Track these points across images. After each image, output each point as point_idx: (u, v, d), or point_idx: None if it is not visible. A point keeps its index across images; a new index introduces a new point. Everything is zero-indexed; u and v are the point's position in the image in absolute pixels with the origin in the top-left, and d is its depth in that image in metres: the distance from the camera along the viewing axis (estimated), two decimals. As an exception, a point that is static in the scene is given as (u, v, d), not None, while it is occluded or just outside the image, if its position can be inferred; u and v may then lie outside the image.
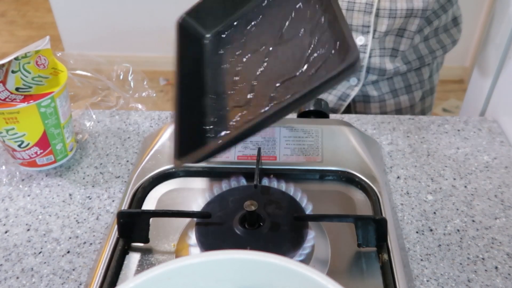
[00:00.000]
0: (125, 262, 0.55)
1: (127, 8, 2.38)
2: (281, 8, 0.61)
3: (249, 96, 0.54)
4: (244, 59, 0.59)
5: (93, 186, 0.67)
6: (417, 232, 0.60)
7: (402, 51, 0.83)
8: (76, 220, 0.62)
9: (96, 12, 2.41)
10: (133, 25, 2.44)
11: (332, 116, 0.78)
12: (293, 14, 0.59)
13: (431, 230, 0.60)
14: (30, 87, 0.64)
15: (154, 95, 0.82)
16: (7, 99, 0.62)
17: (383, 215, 0.58)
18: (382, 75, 0.85)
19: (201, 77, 0.60)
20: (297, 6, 0.59)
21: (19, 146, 0.65)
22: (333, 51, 0.50)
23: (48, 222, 0.62)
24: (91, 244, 0.59)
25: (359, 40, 0.81)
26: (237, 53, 0.60)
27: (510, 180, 0.67)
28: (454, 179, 0.67)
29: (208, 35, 0.64)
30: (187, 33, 0.62)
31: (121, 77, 0.80)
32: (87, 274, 0.55)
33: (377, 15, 0.78)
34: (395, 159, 0.71)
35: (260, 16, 0.62)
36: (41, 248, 0.59)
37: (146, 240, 0.56)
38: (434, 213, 0.62)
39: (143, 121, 0.79)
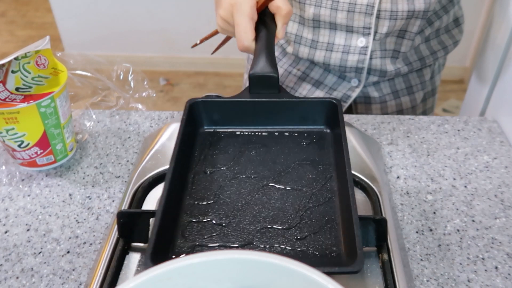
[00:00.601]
0: (125, 262, 0.55)
1: (127, 8, 2.38)
2: (289, 149, 0.61)
3: (226, 219, 0.53)
4: (234, 178, 0.58)
5: (93, 186, 0.67)
6: (417, 232, 0.60)
7: (403, 52, 0.83)
8: (76, 220, 0.62)
9: (96, 12, 2.41)
10: (133, 25, 2.44)
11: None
12: (301, 161, 0.59)
13: (431, 230, 0.60)
14: (30, 87, 0.64)
15: (154, 95, 0.82)
16: (7, 99, 0.62)
17: (383, 215, 0.58)
18: (383, 76, 0.85)
19: (189, 168, 0.59)
20: (308, 157, 0.59)
21: (19, 146, 0.65)
22: (334, 244, 0.50)
23: (48, 222, 0.62)
24: (91, 244, 0.59)
25: (360, 42, 0.81)
26: (229, 164, 0.59)
27: (510, 180, 0.67)
28: (454, 179, 0.67)
29: (207, 128, 0.64)
30: (192, 117, 0.62)
31: (121, 77, 0.80)
32: (87, 274, 0.55)
33: (378, 17, 0.78)
34: (395, 159, 0.71)
35: (266, 144, 0.62)
36: (41, 248, 0.59)
37: (146, 240, 0.56)
38: (434, 213, 0.62)
39: (143, 121, 0.79)
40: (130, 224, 0.55)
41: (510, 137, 0.75)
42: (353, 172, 0.64)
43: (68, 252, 0.58)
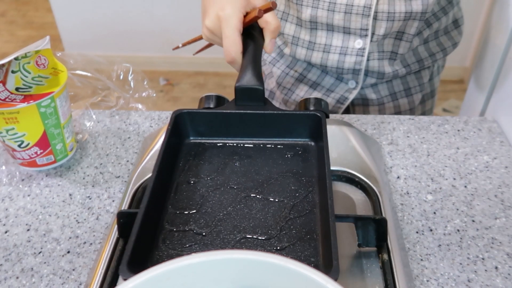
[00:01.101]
0: (125, 262, 0.55)
1: (127, 8, 2.38)
2: (273, 161, 0.61)
3: (206, 229, 0.53)
4: (217, 189, 0.58)
5: (93, 186, 0.67)
6: (417, 232, 0.60)
7: (401, 54, 0.83)
8: (76, 220, 0.62)
9: (96, 12, 2.41)
10: (133, 25, 2.44)
11: (332, 116, 0.78)
12: (284, 173, 0.60)
13: (431, 230, 0.60)
14: (30, 87, 0.64)
15: (154, 95, 0.82)
16: (7, 99, 0.62)
17: (383, 215, 0.58)
18: (381, 78, 0.85)
19: (173, 178, 0.59)
20: (291, 169, 0.60)
21: (19, 146, 0.65)
22: (313, 255, 0.50)
23: (48, 222, 0.62)
24: (91, 244, 0.59)
25: (357, 43, 0.81)
26: (212, 175, 0.60)
27: (510, 180, 0.67)
28: (454, 179, 0.67)
29: (192, 139, 0.65)
30: (178, 128, 0.63)
31: (121, 77, 0.80)
32: (87, 274, 0.55)
33: (375, 18, 0.78)
34: (395, 159, 0.71)
35: (250, 155, 0.62)
36: (41, 248, 0.59)
37: (146, 240, 0.56)
38: (434, 213, 0.62)
39: (143, 121, 0.79)
40: (130, 224, 0.55)
41: (510, 137, 0.75)
42: (353, 172, 0.64)
43: (68, 252, 0.58)
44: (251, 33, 0.66)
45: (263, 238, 0.52)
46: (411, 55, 0.86)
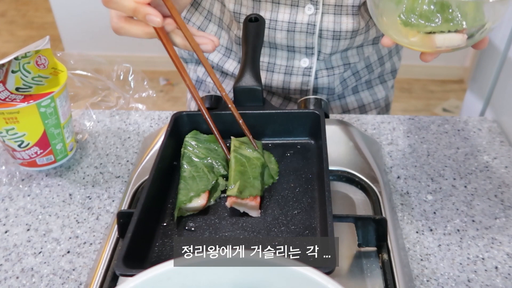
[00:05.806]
0: (125, 262, 0.55)
1: (127, 8, 2.38)
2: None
3: (204, 226, 0.53)
4: None
5: (93, 186, 0.67)
6: (417, 232, 0.60)
7: (353, 62, 0.79)
8: (76, 220, 0.62)
9: (97, 12, 2.40)
10: (133, 25, 2.44)
11: (332, 116, 0.78)
12: (284, 170, 0.60)
13: (431, 230, 0.60)
14: (30, 87, 0.64)
15: (154, 95, 0.82)
16: (7, 99, 0.62)
17: (383, 215, 0.58)
18: (332, 94, 0.82)
19: (172, 178, 0.60)
20: (291, 167, 0.60)
21: (19, 146, 0.65)
22: (312, 250, 0.50)
23: (48, 222, 0.62)
24: (91, 244, 0.59)
25: (303, 62, 0.77)
26: None
27: (510, 180, 0.67)
28: (454, 179, 0.67)
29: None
30: (177, 130, 0.63)
31: (121, 77, 0.80)
32: (87, 274, 0.55)
33: (320, 36, 0.73)
34: (395, 159, 0.71)
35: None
36: (41, 248, 0.59)
37: (146, 240, 0.56)
38: (434, 213, 0.62)
39: (143, 121, 0.79)
40: (130, 224, 0.56)
41: (510, 137, 0.75)
42: (353, 172, 0.64)
43: (68, 252, 0.58)
44: (248, 34, 0.66)
45: (261, 234, 0.52)
46: (361, 61, 0.83)
